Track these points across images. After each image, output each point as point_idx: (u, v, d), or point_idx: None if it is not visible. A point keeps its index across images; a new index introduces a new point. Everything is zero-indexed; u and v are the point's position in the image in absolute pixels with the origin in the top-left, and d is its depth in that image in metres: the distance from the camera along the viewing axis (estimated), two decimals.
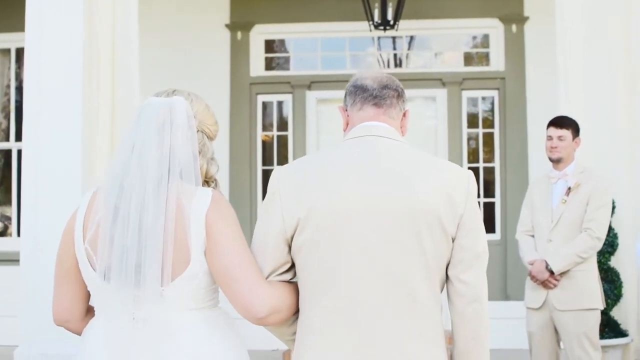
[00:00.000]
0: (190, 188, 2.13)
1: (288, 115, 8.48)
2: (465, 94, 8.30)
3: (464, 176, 2.17)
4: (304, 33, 8.45)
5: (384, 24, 7.60)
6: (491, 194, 8.28)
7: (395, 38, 8.40)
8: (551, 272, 4.53)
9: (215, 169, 2.31)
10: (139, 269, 2.04)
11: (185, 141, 2.15)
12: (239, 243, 2.12)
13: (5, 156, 8.27)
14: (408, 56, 8.50)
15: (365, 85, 2.27)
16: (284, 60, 8.63)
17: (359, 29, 8.06)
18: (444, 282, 2.16)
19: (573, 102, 5.44)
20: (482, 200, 8.26)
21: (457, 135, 8.23)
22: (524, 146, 8.05)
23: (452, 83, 8.25)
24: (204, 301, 2.16)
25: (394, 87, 2.28)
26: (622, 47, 5.40)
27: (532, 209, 4.79)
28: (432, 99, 8.37)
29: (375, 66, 8.43)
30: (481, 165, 8.30)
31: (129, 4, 5.08)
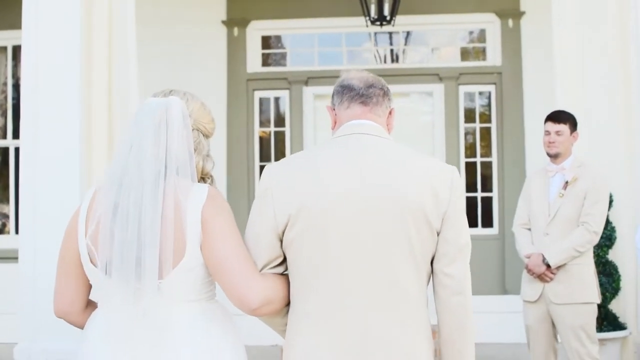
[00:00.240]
0: (187, 184, 2.20)
1: (285, 111, 8.49)
2: (462, 89, 8.31)
3: (448, 172, 2.26)
4: (301, 29, 8.46)
5: (381, 20, 7.61)
6: (489, 189, 8.30)
7: (391, 33, 8.40)
8: (548, 266, 4.54)
9: (210, 166, 2.39)
10: (139, 262, 2.11)
11: (181, 140, 2.22)
12: (234, 237, 2.19)
13: (2, 154, 8.27)
14: (405, 51, 8.51)
15: (352, 84, 2.36)
16: (281, 56, 8.63)
17: (356, 25, 8.07)
18: (430, 275, 2.25)
19: (570, 96, 5.44)
20: (480, 195, 8.29)
21: (454, 130, 8.24)
22: (521, 140, 8.06)
23: (449, 78, 8.25)
24: (201, 293, 2.23)
25: (380, 86, 2.38)
26: (619, 41, 5.40)
27: (529, 203, 4.79)
28: (429, 94, 8.38)
29: (372, 62, 8.44)
30: (478, 160, 8.31)
31: (126, 2, 5.08)
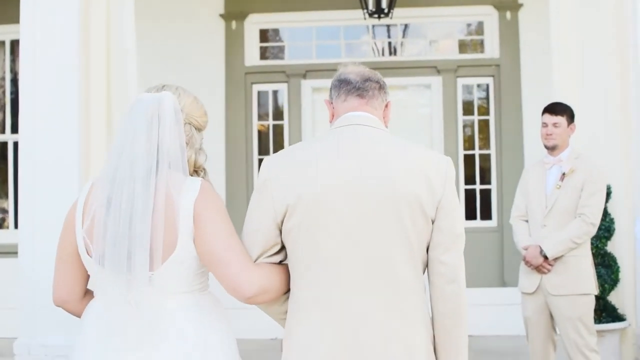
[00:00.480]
0: (179, 178, 2.24)
1: (283, 104, 8.49)
2: (460, 81, 8.31)
3: (442, 162, 2.31)
4: (299, 22, 8.45)
5: (379, 12, 7.59)
6: (487, 181, 8.31)
7: (389, 26, 8.40)
8: (545, 257, 4.55)
9: (203, 159, 2.42)
10: (130, 255, 2.15)
11: (173, 135, 2.26)
12: (227, 229, 2.23)
13: (1, 148, 8.27)
14: (403, 44, 8.51)
15: (349, 78, 2.42)
16: (279, 49, 8.62)
17: (354, 18, 8.06)
18: (426, 263, 2.29)
19: (568, 88, 5.44)
20: (478, 187, 8.30)
21: (453, 122, 8.25)
22: (519, 133, 8.07)
23: (447, 70, 8.25)
24: (194, 284, 2.27)
25: (376, 80, 2.43)
26: (616, 33, 5.40)
27: (527, 195, 4.80)
28: (427, 87, 8.39)
29: (370, 54, 8.44)
30: (477, 152, 8.32)
31: None
